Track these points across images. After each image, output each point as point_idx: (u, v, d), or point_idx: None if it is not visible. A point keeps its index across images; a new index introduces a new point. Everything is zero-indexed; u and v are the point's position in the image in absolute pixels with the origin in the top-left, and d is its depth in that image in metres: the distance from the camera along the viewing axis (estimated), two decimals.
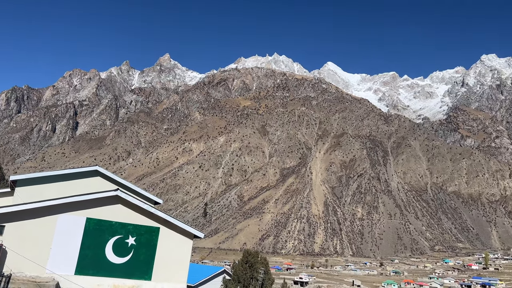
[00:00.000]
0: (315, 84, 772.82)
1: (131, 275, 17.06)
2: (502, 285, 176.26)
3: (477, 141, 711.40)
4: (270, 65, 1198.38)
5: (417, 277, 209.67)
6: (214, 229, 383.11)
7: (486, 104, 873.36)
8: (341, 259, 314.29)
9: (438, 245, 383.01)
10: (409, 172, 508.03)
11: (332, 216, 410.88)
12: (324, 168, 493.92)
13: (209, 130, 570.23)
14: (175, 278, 17.80)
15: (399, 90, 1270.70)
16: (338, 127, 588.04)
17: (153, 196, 23.16)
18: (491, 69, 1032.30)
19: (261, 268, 50.85)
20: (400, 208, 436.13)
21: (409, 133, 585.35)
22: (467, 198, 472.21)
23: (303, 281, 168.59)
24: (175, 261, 17.99)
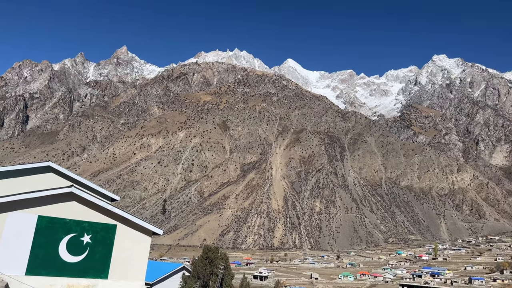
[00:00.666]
0: (276, 80, 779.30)
1: (86, 274, 16.57)
2: (450, 274, 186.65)
3: (428, 137, 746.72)
4: (231, 60, 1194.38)
5: (372, 268, 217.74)
6: (173, 226, 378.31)
7: (437, 103, 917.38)
8: (299, 253, 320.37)
9: (391, 237, 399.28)
10: (365, 167, 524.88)
11: (292, 210, 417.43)
12: (284, 164, 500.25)
13: (168, 125, 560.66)
14: (133, 276, 17.48)
15: (356, 88, 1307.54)
16: (297, 123, 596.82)
17: (109, 192, 22.55)
18: (442, 69, 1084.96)
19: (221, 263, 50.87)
20: (356, 202, 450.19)
21: (365, 129, 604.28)
22: (418, 192, 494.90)
23: (263, 276, 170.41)
24: (133, 258, 17.65)
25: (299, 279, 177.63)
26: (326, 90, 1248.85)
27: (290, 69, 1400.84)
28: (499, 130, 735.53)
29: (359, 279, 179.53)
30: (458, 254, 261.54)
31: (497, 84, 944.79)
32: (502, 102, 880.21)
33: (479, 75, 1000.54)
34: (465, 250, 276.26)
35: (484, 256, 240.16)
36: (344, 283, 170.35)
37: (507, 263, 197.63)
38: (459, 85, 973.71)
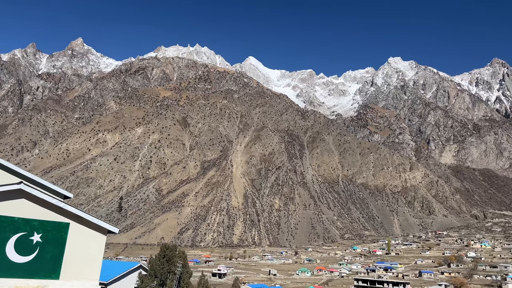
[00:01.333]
0: (237, 78, 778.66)
1: (35, 275, 15.83)
2: (402, 268, 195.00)
3: (383, 137, 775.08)
4: (191, 56, 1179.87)
5: (329, 264, 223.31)
6: (130, 224, 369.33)
7: (392, 103, 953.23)
8: (258, 250, 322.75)
9: (347, 233, 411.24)
10: (322, 165, 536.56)
11: (251, 208, 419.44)
12: (245, 161, 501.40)
13: (125, 121, 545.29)
14: (86, 276, 16.90)
15: (315, 87, 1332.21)
16: (258, 121, 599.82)
17: (62, 189, 21.65)
18: (397, 71, 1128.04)
19: (179, 262, 50.24)
20: (314, 199, 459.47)
21: (323, 128, 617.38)
22: (373, 189, 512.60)
23: (221, 273, 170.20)
24: (86, 258, 17.06)
25: (257, 276, 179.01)
26: (287, 89, 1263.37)
27: (252, 67, 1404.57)
28: (448, 131, 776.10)
29: (316, 275, 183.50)
30: (410, 249, 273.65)
31: (447, 86, 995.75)
32: (452, 104, 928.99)
33: (431, 77, 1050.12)
34: (416, 245, 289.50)
35: (433, 251, 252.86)
36: (301, 278, 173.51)
37: (453, 257, 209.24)
38: (412, 87, 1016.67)
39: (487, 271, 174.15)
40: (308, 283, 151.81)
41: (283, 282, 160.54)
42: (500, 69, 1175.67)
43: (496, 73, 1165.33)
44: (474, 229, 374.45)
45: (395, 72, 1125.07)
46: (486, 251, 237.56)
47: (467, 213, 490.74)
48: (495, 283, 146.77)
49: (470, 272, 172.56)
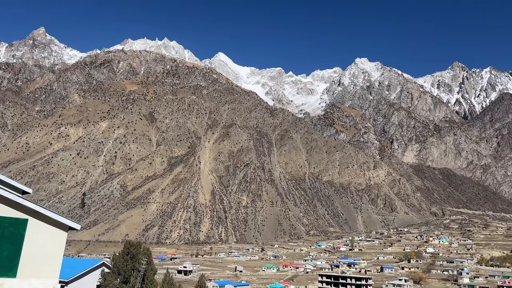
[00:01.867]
0: (206, 73, 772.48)
1: None
2: (364, 264, 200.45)
3: (349, 135, 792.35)
4: (159, 50, 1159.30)
5: (294, 260, 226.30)
6: (93, 221, 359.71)
7: (358, 103, 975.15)
8: (225, 246, 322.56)
9: (313, 229, 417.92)
10: (290, 162, 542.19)
11: (219, 204, 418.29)
12: (213, 158, 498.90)
13: (89, 114, 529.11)
14: (46, 274, 16.33)
15: (284, 86, 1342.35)
16: (227, 117, 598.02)
17: (20, 185, 20.80)
18: (363, 72, 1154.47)
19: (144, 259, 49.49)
20: (281, 196, 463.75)
21: (291, 126, 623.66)
22: (338, 187, 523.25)
23: (187, 270, 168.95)
24: (46, 255, 16.48)
25: (223, 272, 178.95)
26: (256, 86, 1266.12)
27: (221, 63, 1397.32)
28: (411, 131, 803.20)
29: (281, 271, 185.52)
30: (372, 245, 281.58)
31: (411, 88, 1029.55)
32: (414, 105, 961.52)
33: (396, 79, 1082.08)
34: (378, 241, 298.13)
35: (394, 247, 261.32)
36: (267, 274, 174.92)
37: (413, 252, 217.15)
38: (378, 88, 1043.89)
39: (444, 266, 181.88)
40: (274, 279, 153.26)
41: (249, 279, 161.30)
42: (460, 72, 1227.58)
43: (456, 77, 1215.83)
44: (433, 225, 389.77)
45: (362, 72, 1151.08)
46: (444, 247, 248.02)
47: (427, 211, 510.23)
48: (451, 278, 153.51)
49: (428, 267, 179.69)
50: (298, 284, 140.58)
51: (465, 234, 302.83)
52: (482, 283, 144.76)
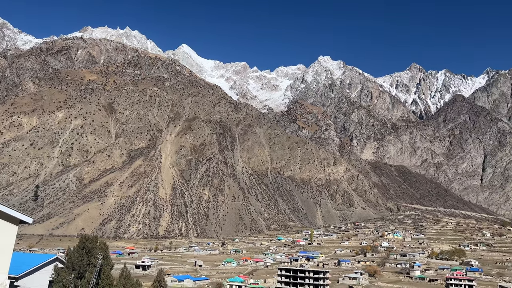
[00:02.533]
0: (169, 65, 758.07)
1: None
2: (322, 258, 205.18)
3: (311, 132, 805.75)
4: (121, 39, 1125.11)
5: (254, 254, 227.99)
6: (46, 214, 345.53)
7: (320, 100, 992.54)
8: (185, 241, 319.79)
9: (273, 224, 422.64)
10: (253, 157, 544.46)
11: (180, 199, 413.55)
12: (174, 151, 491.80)
13: (45, 103, 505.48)
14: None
15: (248, 81, 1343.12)
16: (190, 110, 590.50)
17: None
18: (326, 70, 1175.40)
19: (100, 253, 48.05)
20: (243, 190, 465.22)
21: (255, 121, 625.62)
22: (299, 182, 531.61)
23: (145, 265, 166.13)
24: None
25: (183, 267, 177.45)
26: (220, 80, 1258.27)
27: (185, 55, 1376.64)
28: (369, 129, 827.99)
29: (241, 265, 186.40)
30: (330, 239, 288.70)
31: (371, 87, 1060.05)
32: (374, 104, 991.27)
33: (357, 78, 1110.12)
34: (336, 236, 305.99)
35: (351, 241, 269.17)
36: (227, 269, 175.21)
37: (369, 246, 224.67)
38: (339, 86, 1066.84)
39: (398, 260, 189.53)
40: (234, 273, 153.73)
41: (209, 273, 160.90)
42: (417, 73, 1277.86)
43: (414, 77, 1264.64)
44: (388, 221, 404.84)
45: (324, 70, 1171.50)
46: (398, 241, 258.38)
47: (383, 206, 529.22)
48: (404, 271, 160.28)
49: (383, 261, 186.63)
50: (257, 278, 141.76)
51: (417, 229, 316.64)
52: (432, 275, 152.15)
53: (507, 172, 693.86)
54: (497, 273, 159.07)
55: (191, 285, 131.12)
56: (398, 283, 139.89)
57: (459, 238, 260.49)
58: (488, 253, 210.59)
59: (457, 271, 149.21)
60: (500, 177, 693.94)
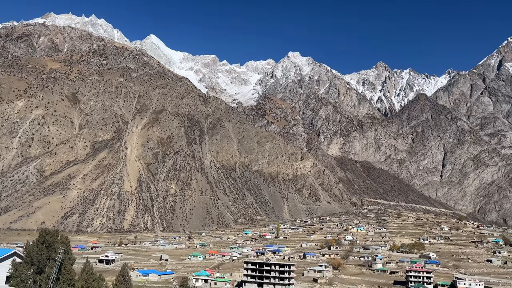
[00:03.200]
0: (136, 55, 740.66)
1: None
2: (288, 251, 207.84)
3: (279, 127, 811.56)
4: (86, 27, 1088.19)
5: (221, 248, 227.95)
6: (4, 207, 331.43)
7: (289, 96, 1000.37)
8: (151, 235, 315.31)
9: (241, 218, 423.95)
10: (221, 151, 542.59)
11: (145, 192, 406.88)
12: (141, 144, 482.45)
13: (3, 92, 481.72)
14: None
15: (218, 74, 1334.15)
16: (158, 103, 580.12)
17: None
18: (295, 65, 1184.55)
19: (61, 247, 46.54)
20: (211, 184, 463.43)
21: (224, 115, 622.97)
22: (267, 177, 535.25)
23: (109, 259, 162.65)
24: None
25: (148, 261, 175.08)
26: (189, 73, 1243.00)
27: (153, 45, 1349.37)
28: (336, 125, 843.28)
29: (208, 259, 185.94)
30: (296, 233, 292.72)
31: (338, 84, 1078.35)
32: (341, 101, 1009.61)
33: (325, 74, 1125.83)
34: (302, 229, 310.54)
35: (317, 235, 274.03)
36: (193, 263, 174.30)
37: (334, 240, 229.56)
38: (308, 82, 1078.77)
39: (361, 253, 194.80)
40: (200, 267, 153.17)
41: (175, 267, 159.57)
42: (383, 72, 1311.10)
43: (379, 76, 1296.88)
44: (353, 215, 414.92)
45: (294, 66, 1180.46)
46: (361, 235, 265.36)
47: (348, 201, 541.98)
48: (366, 263, 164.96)
49: (346, 254, 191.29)
50: (224, 272, 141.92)
51: (380, 223, 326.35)
52: (393, 267, 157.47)
53: (465, 169, 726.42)
54: (453, 265, 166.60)
55: (156, 279, 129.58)
56: (361, 275, 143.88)
57: (419, 232, 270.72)
58: (446, 246, 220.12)
59: (417, 263, 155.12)
60: (458, 174, 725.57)
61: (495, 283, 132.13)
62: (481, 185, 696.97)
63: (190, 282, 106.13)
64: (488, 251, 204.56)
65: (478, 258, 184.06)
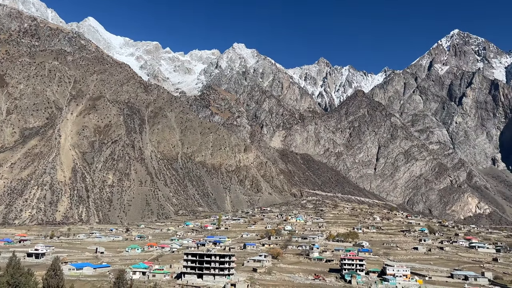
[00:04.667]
0: (73, 38, 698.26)
1: None
2: (229, 242, 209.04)
3: (223, 118, 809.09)
4: (16, 4, 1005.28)
5: (160, 239, 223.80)
6: None
7: (233, 87, 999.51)
8: (86, 227, 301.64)
9: (182, 209, 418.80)
10: (163, 141, 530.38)
11: (81, 183, 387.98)
12: (76, 132, 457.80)
13: None
14: None
15: (161, 61, 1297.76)
16: (95, 89, 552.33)
17: None
18: (240, 57, 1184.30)
19: None
20: (152, 175, 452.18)
21: (166, 104, 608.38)
22: (210, 168, 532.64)
23: (39, 253, 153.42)
24: None
25: (83, 255, 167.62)
26: (130, 59, 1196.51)
27: (91, 28, 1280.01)
28: (279, 118, 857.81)
29: (146, 251, 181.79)
30: (238, 224, 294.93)
31: (282, 78, 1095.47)
32: (284, 94, 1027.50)
33: (269, 68, 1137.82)
34: (243, 220, 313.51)
35: (257, 225, 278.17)
36: (130, 255, 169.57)
37: (274, 230, 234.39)
38: (252, 74, 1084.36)
39: (299, 242, 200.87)
40: (138, 260, 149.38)
41: (111, 260, 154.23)
42: (324, 68, 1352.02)
43: (321, 71, 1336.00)
44: (292, 205, 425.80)
45: (239, 58, 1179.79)
46: (300, 225, 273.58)
47: (288, 192, 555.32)
48: (304, 252, 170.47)
49: (285, 243, 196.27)
50: (163, 264, 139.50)
51: (318, 213, 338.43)
52: (328, 256, 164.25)
53: (396, 163, 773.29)
54: (384, 253, 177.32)
55: (91, 272, 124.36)
56: (298, 264, 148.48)
57: (354, 222, 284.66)
58: (377, 235, 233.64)
59: (350, 252, 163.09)
60: (390, 167, 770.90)
61: (420, 268, 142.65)
62: (410, 178, 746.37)
63: (127, 275, 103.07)
64: (414, 239, 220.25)
65: (405, 246, 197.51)
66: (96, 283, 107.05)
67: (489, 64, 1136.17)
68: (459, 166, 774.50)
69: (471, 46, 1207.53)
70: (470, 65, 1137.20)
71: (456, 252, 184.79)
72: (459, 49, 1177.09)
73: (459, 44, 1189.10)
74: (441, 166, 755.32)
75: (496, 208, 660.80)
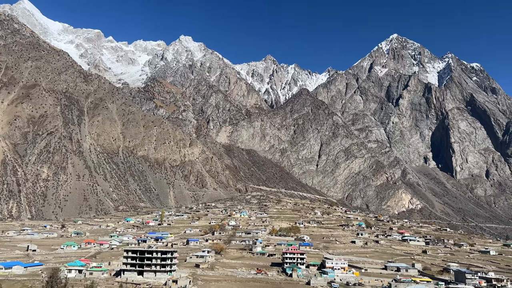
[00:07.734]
0: (5, 21, 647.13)
1: None
2: (172, 238, 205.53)
3: (168, 112, 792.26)
4: None
5: (99, 236, 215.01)
6: None
7: (179, 80, 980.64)
8: (16, 224, 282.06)
9: (122, 205, 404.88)
10: (103, 134, 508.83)
11: (11, 176, 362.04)
12: (7, 122, 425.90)
13: None
14: None
15: (102, 51, 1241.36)
16: (29, 76, 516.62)
17: None
18: (187, 50, 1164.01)
19: None
20: (90, 169, 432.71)
21: (107, 95, 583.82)
22: (153, 162, 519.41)
23: None
24: None
25: (12, 253, 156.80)
26: (69, 46, 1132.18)
27: (26, 12, 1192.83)
28: (226, 113, 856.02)
29: (83, 248, 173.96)
30: (181, 220, 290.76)
31: (229, 73, 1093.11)
32: (231, 90, 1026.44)
33: (217, 62, 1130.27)
34: (187, 216, 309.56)
35: (201, 221, 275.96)
36: (66, 253, 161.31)
37: (218, 225, 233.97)
38: (199, 68, 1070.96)
39: (242, 237, 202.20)
40: (74, 257, 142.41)
41: (44, 258, 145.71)
42: (271, 65, 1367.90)
43: (268, 68, 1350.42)
44: (237, 201, 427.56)
45: (185, 51, 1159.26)
46: (244, 220, 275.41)
47: (233, 187, 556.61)
48: (247, 247, 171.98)
49: (229, 239, 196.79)
50: (101, 261, 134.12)
51: (262, 208, 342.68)
52: (271, 250, 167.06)
53: (337, 160, 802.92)
54: (324, 246, 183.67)
55: (21, 272, 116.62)
56: (241, 259, 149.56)
57: (296, 217, 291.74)
58: (318, 230, 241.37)
59: (292, 246, 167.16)
60: (332, 164, 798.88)
61: (356, 261, 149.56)
62: (350, 174, 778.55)
63: (61, 273, 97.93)
64: (352, 233, 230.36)
65: (344, 240, 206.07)
66: (27, 283, 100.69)
67: (424, 68, 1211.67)
68: (394, 164, 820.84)
69: (408, 51, 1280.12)
70: (407, 68, 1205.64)
71: (390, 245, 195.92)
72: (397, 52, 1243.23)
73: (397, 48, 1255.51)
74: (378, 163, 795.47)
75: (427, 204, 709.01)
